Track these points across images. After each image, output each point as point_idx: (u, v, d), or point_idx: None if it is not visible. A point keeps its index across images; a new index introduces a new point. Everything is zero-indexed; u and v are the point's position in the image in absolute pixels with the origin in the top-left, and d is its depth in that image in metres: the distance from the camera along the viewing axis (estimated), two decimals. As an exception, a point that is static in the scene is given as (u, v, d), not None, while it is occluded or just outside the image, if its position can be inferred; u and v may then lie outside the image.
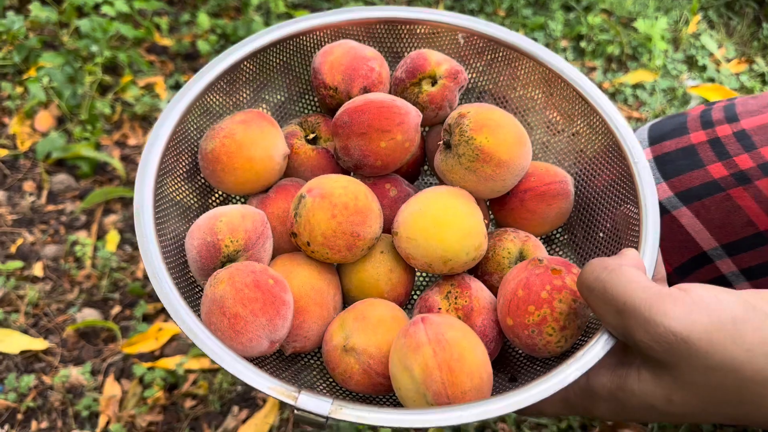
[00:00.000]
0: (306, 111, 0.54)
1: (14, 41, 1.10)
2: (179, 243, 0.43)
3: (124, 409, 0.75)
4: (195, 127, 0.46)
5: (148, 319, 0.83)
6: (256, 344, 0.37)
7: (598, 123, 0.46)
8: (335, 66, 0.48)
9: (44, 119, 1.05)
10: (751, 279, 0.50)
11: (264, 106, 0.52)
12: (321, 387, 0.43)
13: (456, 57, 0.52)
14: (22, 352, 0.79)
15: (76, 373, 0.77)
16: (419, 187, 0.55)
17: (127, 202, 0.97)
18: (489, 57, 0.51)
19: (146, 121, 1.09)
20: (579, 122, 0.48)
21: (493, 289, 0.44)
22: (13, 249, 0.90)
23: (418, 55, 0.49)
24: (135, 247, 0.91)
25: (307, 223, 0.41)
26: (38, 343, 0.79)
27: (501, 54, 0.50)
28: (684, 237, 0.51)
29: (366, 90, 0.48)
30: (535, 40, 1.19)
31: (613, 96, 1.14)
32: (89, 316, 0.82)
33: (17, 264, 0.87)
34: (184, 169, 0.46)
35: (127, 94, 1.08)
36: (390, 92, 0.51)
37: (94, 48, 1.07)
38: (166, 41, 1.19)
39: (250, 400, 0.76)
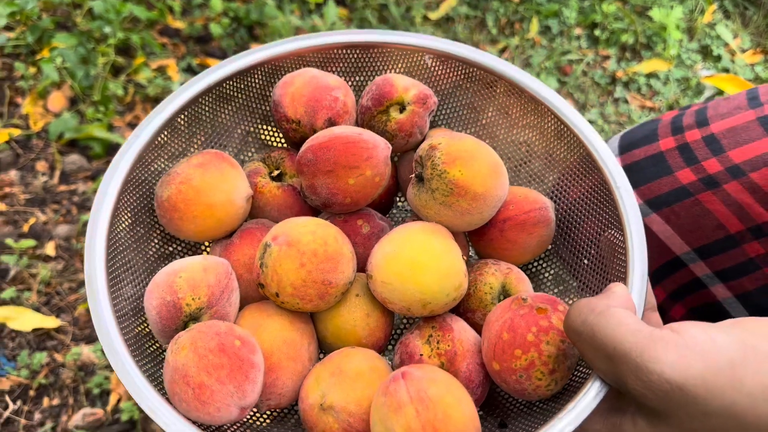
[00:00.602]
0: (269, 145, 0.51)
1: (27, 22, 1.10)
2: (139, 301, 0.40)
3: None
4: (151, 170, 0.43)
5: None
6: (225, 414, 0.34)
7: (573, 141, 0.44)
8: (297, 97, 0.45)
9: (57, 100, 1.05)
10: (725, 281, 0.49)
11: (222, 144, 0.49)
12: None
13: (424, 78, 0.50)
14: (35, 330, 0.80)
15: (87, 351, 0.78)
16: (393, 217, 0.53)
17: None
18: (458, 77, 0.49)
19: (158, 102, 1.09)
20: (553, 140, 0.46)
21: (477, 327, 0.42)
22: (25, 228, 0.90)
23: (384, 81, 0.47)
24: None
25: (275, 273, 0.38)
26: (50, 321, 0.80)
27: (471, 73, 0.48)
28: (656, 243, 0.50)
29: (331, 121, 0.45)
30: (549, 28, 1.17)
31: (626, 85, 1.13)
32: None
33: (30, 243, 0.88)
34: (141, 218, 0.43)
35: (140, 75, 1.08)
36: (357, 121, 0.48)
37: (107, 29, 1.06)
38: (179, 24, 1.19)
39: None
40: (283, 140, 0.51)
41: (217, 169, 0.42)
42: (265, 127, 0.50)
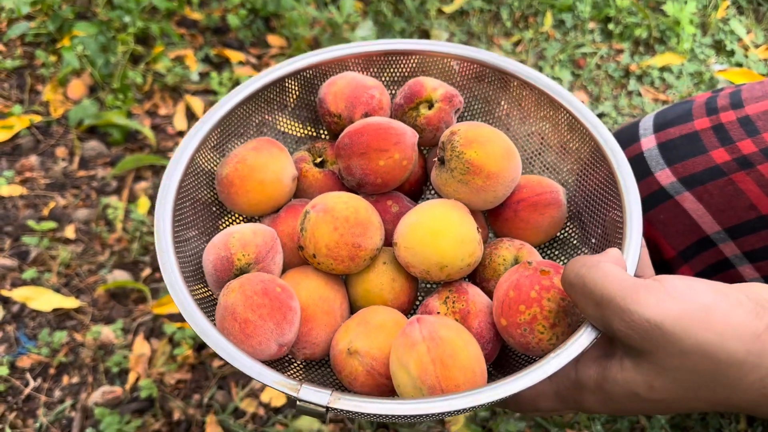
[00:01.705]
0: (314, 138, 0.58)
1: (48, 11, 1.13)
2: (197, 261, 0.47)
3: (154, 366, 0.78)
4: (208, 158, 0.51)
5: None
6: (266, 347, 0.40)
7: (582, 133, 0.49)
8: (338, 95, 0.52)
9: (77, 87, 1.08)
10: (753, 261, 0.50)
11: (273, 134, 0.56)
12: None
13: (451, 82, 0.56)
14: (54, 310, 0.82)
15: (107, 331, 0.80)
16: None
17: (158, 170, 1.00)
18: (481, 79, 0.55)
19: (176, 92, 1.11)
20: (564, 131, 0.51)
21: (491, 295, 0.47)
22: (45, 212, 0.93)
23: (415, 82, 0.53)
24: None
25: (312, 236, 0.44)
26: (70, 302, 0.82)
27: (491, 76, 0.54)
28: (687, 221, 0.52)
29: (367, 115, 0.52)
30: (563, 22, 1.21)
31: (639, 79, 1.15)
32: (120, 277, 0.85)
33: (51, 225, 0.90)
34: (199, 195, 0.50)
35: (159, 64, 1.10)
36: (390, 117, 0.54)
37: (127, 19, 1.08)
38: (197, 15, 1.21)
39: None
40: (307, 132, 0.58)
41: (268, 152, 0.49)
42: (283, 118, 0.57)
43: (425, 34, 1.21)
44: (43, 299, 0.83)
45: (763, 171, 0.48)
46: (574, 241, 0.51)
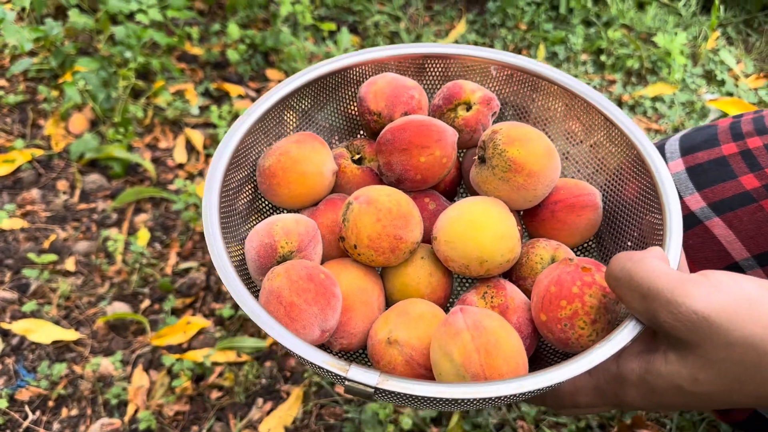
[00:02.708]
0: (352, 136, 0.60)
1: (51, 47, 1.15)
2: (238, 249, 0.47)
3: (152, 398, 0.78)
4: (251, 149, 0.52)
5: (176, 313, 0.87)
6: (309, 331, 0.41)
7: (619, 139, 0.50)
8: (379, 94, 0.53)
9: (78, 121, 1.09)
10: None
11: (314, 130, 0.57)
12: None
13: (488, 86, 0.57)
14: (54, 342, 0.83)
15: (106, 363, 0.80)
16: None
17: (157, 202, 1.01)
18: (517, 84, 0.56)
19: (176, 125, 1.13)
20: (600, 135, 0.52)
21: (528, 293, 0.47)
22: (46, 244, 0.94)
23: (454, 84, 0.54)
24: (165, 245, 0.95)
25: (354, 226, 0.45)
26: (69, 334, 0.83)
27: (528, 81, 0.55)
28: (717, 247, 0.52)
29: (407, 114, 0.53)
30: (556, 54, 1.22)
31: (632, 108, 1.17)
32: (119, 309, 0.86)
33: (51, 257, 0.91)
34: (241, 187, 0.51)
35: (159, 99, 1.12)
36: (428, 118, 0.56)
37: (128, 54, 1.11)
38: (197, 50, 1.24)
39: (274, 392, 0.78)
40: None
41: (310, 145, 0.50)
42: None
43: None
44: (43, 332, 0.83)
45: None
46: (609, 244, 0.51)
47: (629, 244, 0.49)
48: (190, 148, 1.11)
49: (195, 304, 0.90)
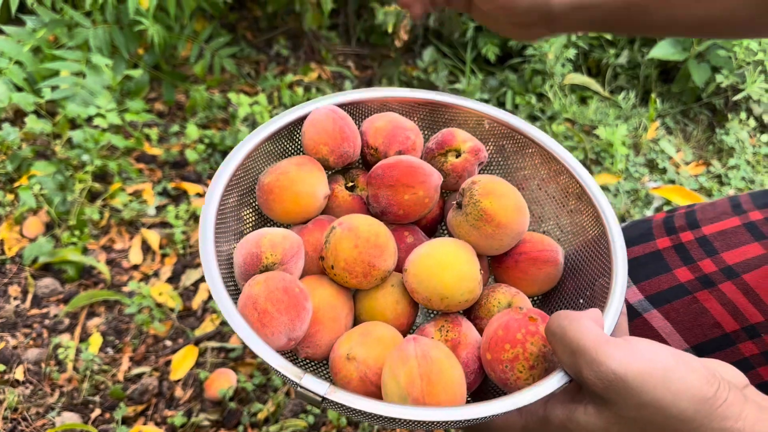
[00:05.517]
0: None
1: (8, 151, 1.14)
2: (228, 257, 0.52)
3: None
4: (247, 169, 0.57)
5: (127, 422, 0.85)
6: (277, 338, 0.46)
7: (588, 208, 0.54)
8: (379, 131, 0.58)
9: (33, 225, 1.07)
10: None
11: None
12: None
13: (478, 136, 0.62)
14: None
15: None
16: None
17: (111, 305, 0.99)
18: (507, 140, 0.61)
19: (133, 225, 1.12)
20: (573, 201, 0.56)
21: (482, 332, 0.52)
22: None
23: (448, 131, 0.59)
24: (117, 350, 0.94)
25: (334, 249, 0.50)
26: None
27: (517, 139, 0.60)
28: (657, 339, 0.54)
29: (401, 153, 0.58)
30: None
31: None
32: (69, 419, 0.83)
33: None
34: (238, 202, 0.56)
35: (116, 200, 1.11)
36: (421, 158, 0.60)
37: (86, 157, 1.10)
38: (156, 150, 1.23)
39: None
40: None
41: (308, 168, 0.55)
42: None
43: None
44: (-15, 449, 0.80)
45: (724, 290, 0.51)
46: (565, 298, 0.56)
47: (581, 301, 0.53)
48: (146, 248, 1.11)
49: (147, 412, 0.89)
